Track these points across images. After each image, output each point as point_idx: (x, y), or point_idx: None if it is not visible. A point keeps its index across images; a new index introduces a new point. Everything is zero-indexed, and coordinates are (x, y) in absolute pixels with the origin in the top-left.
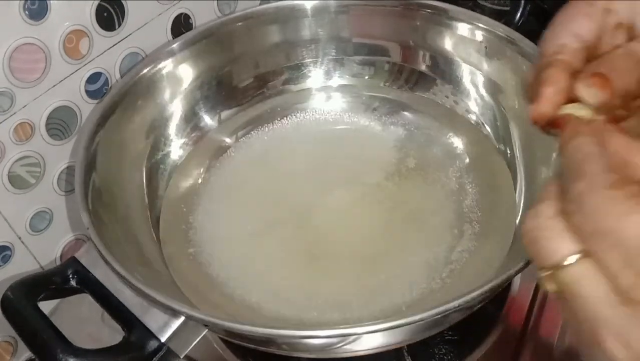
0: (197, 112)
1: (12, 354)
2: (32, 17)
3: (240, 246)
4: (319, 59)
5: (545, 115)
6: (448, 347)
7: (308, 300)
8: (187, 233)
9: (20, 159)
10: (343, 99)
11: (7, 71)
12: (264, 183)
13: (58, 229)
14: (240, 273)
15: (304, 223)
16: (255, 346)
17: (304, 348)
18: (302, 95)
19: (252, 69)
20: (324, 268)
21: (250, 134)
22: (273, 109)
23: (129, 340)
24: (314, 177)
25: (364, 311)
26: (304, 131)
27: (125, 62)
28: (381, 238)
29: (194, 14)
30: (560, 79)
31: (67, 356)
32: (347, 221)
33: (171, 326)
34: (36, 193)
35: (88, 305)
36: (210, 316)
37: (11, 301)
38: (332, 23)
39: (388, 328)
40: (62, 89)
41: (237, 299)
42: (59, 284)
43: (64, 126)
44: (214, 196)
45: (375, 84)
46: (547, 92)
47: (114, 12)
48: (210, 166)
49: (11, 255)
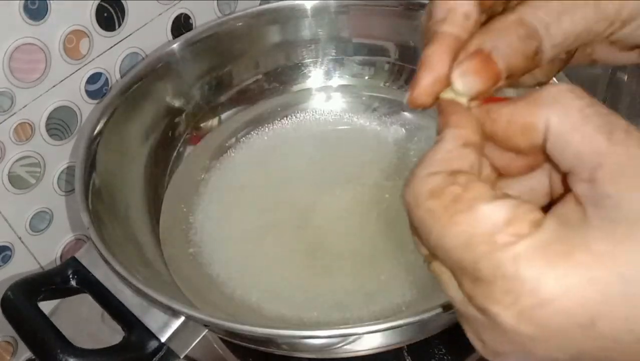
0: (197, 112)
1: (12, 354)
2: (32, 17)
3: (240, 246)
4: (319, 59)
5: (423, 106)
6: (448, 347)
7: (308, 300)
8: (187, 233)
9: (20, 159)
10: (343, 99)
11: (7, 71)
12: (264, 182)
13: (58, 229)
14: (240, 273)
15: (304, 223)
16: (255, 346)
17: (304, 348)
18: (302, 95)
19: (252, 69)
20: (324, 268)
21: (250, 134)
22: (273, 109)
23: (129, 340)
24: (314, 177)
25: (364, 311)
26: (304, 131)
27: (125, 62)
28: (381, 238)
29: (194, 14)
30: (440, 62)
31: (67, 356)
32: (347, 221)
33: (171, 326)
34: (36, 193)
35: (88, 305)
36: (210, 316)
37: (11, 301)
38: (332, 23)
39: (388, 328)
40: (62, 89)
41: (237, 299)
42: (59, 284)
43: (64, 126)
44: (214, 196)
45: (375, 84)
46: (424, 81)
47: (114, 12)
48: (210, 166)
49: (11, 255)
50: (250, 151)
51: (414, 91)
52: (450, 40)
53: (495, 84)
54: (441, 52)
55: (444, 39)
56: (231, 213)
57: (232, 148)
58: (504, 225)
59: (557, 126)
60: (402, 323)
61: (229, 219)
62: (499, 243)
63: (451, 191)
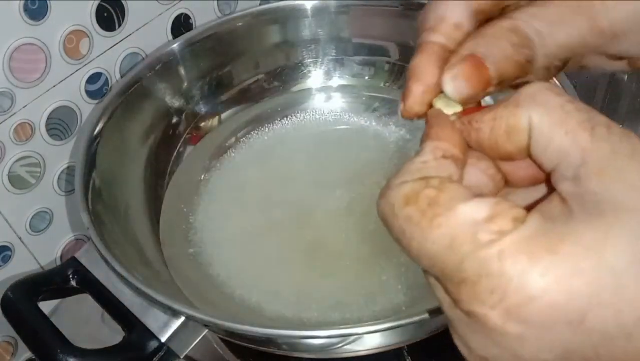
0: (197, 112)
1: (12, 354)
2: (32, 17)
3: (240, 246)
4: (319, 59)
5: (415, 115)
6: (448, 347)
7: (308, 300)
8: (187, 233)
9: (20, 159)
10: (343, 99)
11: (7, 71)
12: (264, 182)
13: (58, 229)
14: (240, 273)
15: (304, 223)
16: (255, 346)
17: (304, 348)
18: (302, 95)
19: (252, 69)
20: (324, 268)
21: (250, 134)
22: (273, 109)
23: (129, 340)
24: (314, 177)
25: (364, 311)
26: (304, 131)
27: (125, 62)
28: (381, 237)
29: (194, 14)
30: (429, 72)
31: (67, 356)
32: (347, 221)
33: (171, 326)
34: (36, 193)
35: (88, 305)
36: (210, 316)
37: (11, 301)
38: (332, 23)
39: (388, 328)
40: (62, 89)
41: (237, 299)
42: (59, 284)
43: (64, 126)
44: (214, 196)
45: (375, 84)
46: (415, 91)
47: (114, 12)
48: (210, 166)
49: (11, 255)
50: (250, 151)
51: (407, 101)
52: (437, 49)
53: (485, 89)
54: (428, 62)
55: (432, 49)
56: (231, 213)
57: (232, 148)
58: (485, 223)
59: (539, 124)
60: (402, 323)
61: (229, 219)
62: (482, 241)
63: (426, 194)
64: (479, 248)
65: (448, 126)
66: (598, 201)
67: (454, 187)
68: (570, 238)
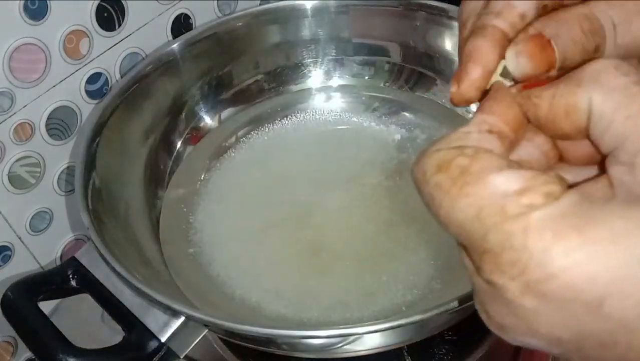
0: (197, 112)
1: (12, 354)
2: (32, 17)
3: (240, 246)
4: (319, 59)
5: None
6: (448, 347)
7: (308, 300)
8: (187, 233)
9: (20, 159)
10: (343, 99)
11: (7, 71)
12: (264, 182)
13: (58, 229)
14: (240, 273)
15: (304, 223)
16: (255, 346)
17: (304, 348)
18: (302, 95)
19: (252, 69)
20: (324, 268)
21: (250, 134)
22: (273, 109)
23: (129, 340)
24: (314, 177)
25: (364, 311)
26: (304, 131)
27: (125, 62)
28: (381, 238)
29: (194, 14)
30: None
31: (67, 356)
32: (347, 221)
33: (171, 326)
34: (36, 193)
35: (88, 305)
36: (210, 316)
37: (11, 301)
38: (332, 23)
39: (388, 328)
40: (62, 89)
41: (237, 299)
42: (59, 284)
43: (64, 126)
44: (214, 196)
45: (375, 84)
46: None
47: (114, 12)
48: (210, 166)
49: (11, 255)
50: (250, 151)
51: (462, 84)
52: (499, 35)
53: (547, 71)
54: (490, 46)
55: (493, 33)
56: (231, 212)
57: (232, 148)
58: (516, 195)
59: (599, 106)
60: (402, 323)
61: (229, 219)
62: (509, 214)
63: (458, 163)
64: (505, 220)
65: (505, 102)
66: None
67: (488, 156)
68: (601, 221)
